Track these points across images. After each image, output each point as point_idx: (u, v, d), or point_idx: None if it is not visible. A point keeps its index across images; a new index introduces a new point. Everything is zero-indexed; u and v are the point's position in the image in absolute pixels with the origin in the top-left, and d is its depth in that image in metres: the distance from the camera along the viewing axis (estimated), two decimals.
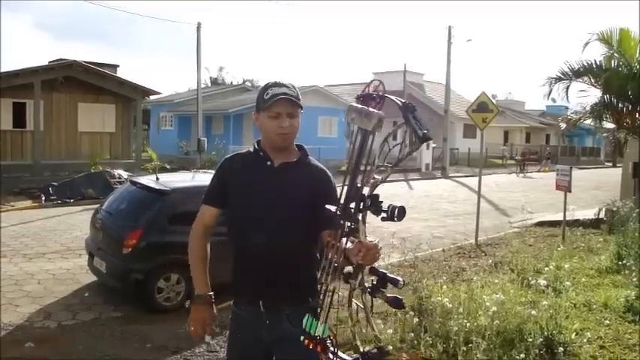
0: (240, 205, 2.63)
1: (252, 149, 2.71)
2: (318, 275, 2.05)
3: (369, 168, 2.00)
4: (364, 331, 2.13)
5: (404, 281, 2.06)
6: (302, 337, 2.02)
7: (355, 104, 2.05)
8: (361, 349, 2.06)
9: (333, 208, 2.01)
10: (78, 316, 6.56)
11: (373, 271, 2.06)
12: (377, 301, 2.12)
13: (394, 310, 5.46)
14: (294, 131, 2.58)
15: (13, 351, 5.37)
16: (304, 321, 2.03)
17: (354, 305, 2.14)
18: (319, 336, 2.00)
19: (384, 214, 1.93)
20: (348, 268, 2.08)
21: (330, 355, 1.99)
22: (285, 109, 2.50)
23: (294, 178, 2.55)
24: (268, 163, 2.62)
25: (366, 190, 1.97)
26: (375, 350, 2.04)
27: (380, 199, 1.95)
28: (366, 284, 2.06)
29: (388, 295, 2.02)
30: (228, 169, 2.70)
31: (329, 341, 2.01)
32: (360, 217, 1.97)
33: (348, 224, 1.97)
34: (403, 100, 1.97)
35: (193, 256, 2.78)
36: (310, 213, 2.39)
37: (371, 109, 1.98)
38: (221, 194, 2.69)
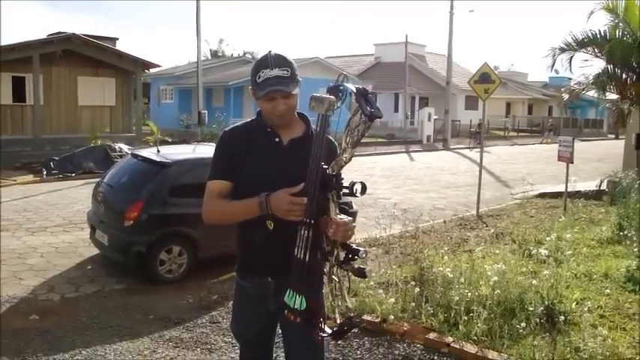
0: (251, 181, 2.55)
1: (254, 121, 2.67)
2: (295, 252, 2.23)
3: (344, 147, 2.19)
4: (340, 303, 2.26)
5: (366, 252, 2.25)
6: (285, 311, 2.21)
7: (315, 94, 2.25)
8: (339, 321, 2.20)
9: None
10: (81, 288, 6.60)
11: (344, 246, 2.22)
12: (377, 273, 2.26)
13: (396, 280, 5.52)
14: (293, 108, 2.55)
15: (17, 323, 5.41)
16: (286, 295, 2.21)
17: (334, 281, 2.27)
18: (297, 308, 2.18)
19: (345, 190, 2.18)
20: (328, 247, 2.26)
21: (312, 329, 2.20)
22: (279, 93, 2.46)
23: (304, 156, 2.42)
24: (277, 139, 2.58)
25: (331, 171, 2.19)
26: (347, 320, 2.24)
27: (342, 177, 2.20)
28: (340, 258, 2.22)
29: (354, 266, 2.18)
30: (234, 144, 2.62)
31: (311, 314, 2.20)
32: (329, 196, 2.19)
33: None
34: (357, 87, 2.20)
35: (219, 205, 2.59)
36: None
37: (323, 95, 2.21)
38: (230, 168, 2.59)
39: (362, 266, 2.20)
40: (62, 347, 4.78)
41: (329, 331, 2.26)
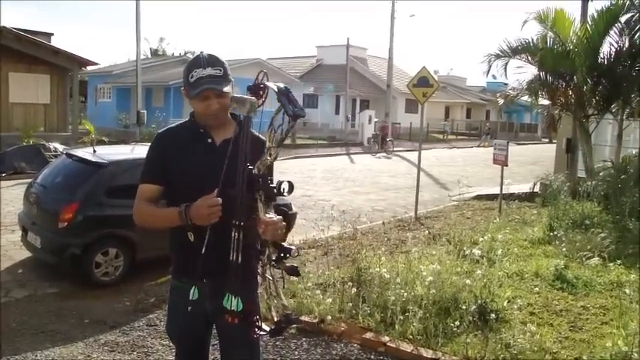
0: (183, 183, 2.56)
1: (187, 123, 2.67)
2: (230, 255, 2.22)
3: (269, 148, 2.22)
4: (276, 301, 2.28)
5: (298, 250, 2.31)
6: (225, 315, 2.20)
7: (235, 95, 2.31)
8: (275, 319, 2.21)
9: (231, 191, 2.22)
10: (11, 293, 6.37)
11: (276, 245, 2.24)
12: (315, 274, 2.29)
13: (334, 281, 5.58)
14: (226, 107, 2.56)
15: None
16: (224, 299, 2.21)
17: (267, 280, 2.29)
18: (234, 310, 2.18)
19: (274, 191, 2.19)
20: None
21: (249, 328, 2.23)
22: (212, 92, 2.47)
23: (236, 155, 2.51)
24: (209, 140, 2.59)
25: (257, 171, 2.21)
26: (284, 318, 2.26)
27: (269, 178, 2.24)
28: (273, 257, 2.24)
29: (287, 264, 2.19)
30: (166, 145, 2.63)
31: (247, 314, 2.21)
32: (257, 197, 2.20)
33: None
34: (278, 86, 2.22)
35: (143, 211, 2.58)
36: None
37: (244, 96, 2.22)
38: (161, 170, 2.60)
39: (294, 264, 2.22)
40: None
41: (267, 329, 2.27)
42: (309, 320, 5.00)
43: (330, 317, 4.99)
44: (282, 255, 2.21)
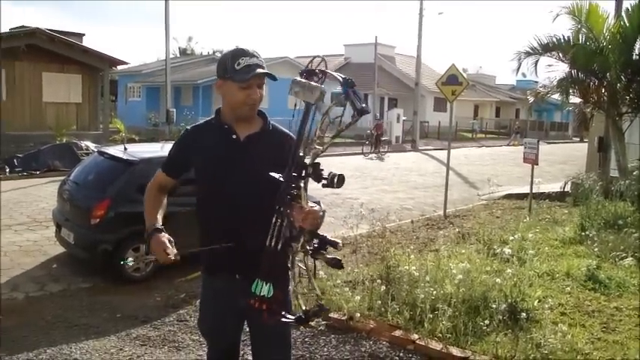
0: (208, 181, 2.63)
1: (212, 119, 2.70)
2: (267, 241, 2.19)
3: (313, 139, 2.16)
4: (306, 290, 2.26)
5: (342, 244, 2.26)
6: (251, 300, 2.18)
7: (299, 78, 2.17)
8: (304, 308, 2.19)
9: (276, 175, 2.18)
10: (46, 287, 6.51)
11: (314, 235, 2.20)
12: (344, 271, 2.26)
13: (362, 278, 5.58)
14: (261, 99, 2.59)
15: None
16: (253, 285, 2.19)
17: (296, 268, 2.27)
18: (264, 295, 2.16)
19: (324, 181, 2.14)
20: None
21: (276, 315, 2.19)
22: (257, 80, 2.50)
23: (260, 151, 2.53)
24: (233, 136, 2.61)
25: (308, 160, 2.16)
26: (316, 308, 2.22)
27: (321, 168, 2.16)
28: (308, 247, 2.20)
29: (328, 256, 2.16)
30: (191, 144, 2.69)
31: (276, 302, 2.18)
32: (302, 184, 2.17)
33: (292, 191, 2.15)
34: (344, 76, 2.14)
35: (147, 199, 2.79)
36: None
37: (313, 84, 2.12)
38: (178, 166, 2.74)
39: (337, 257, 2.19)
40: (26, 346, 4.72)
41: (292, 317, 2.25)
42: (338, 317, 5.01)
43: (359, 314, 4.99)
44: (322, 246, 2.19)
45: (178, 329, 5.20)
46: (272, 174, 2.18)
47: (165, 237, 2.51)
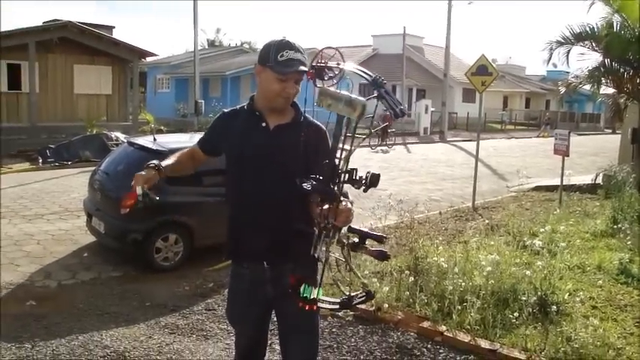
0: (235, 168, 2.65)
1: (246, 105, 2.70)
2: (313, 251, 2.14)
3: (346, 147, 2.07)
4: (348, 279, 2.24)
5: (386, 236, 2.22)
6: (300, 304, 2.12)
7: (328, 88, 2.05)
8: (347, 293, 2.16)
9: (306, 185, 2.12)
10: (77, 275, 6.62)
11: (353, 230, 2.19)
12: (372, 262, 2.23)
13: (390, 269, 5.56)
14: (296, 95, 2.59)
15: (15, 309, 5.44)
16: (301, 289, 2.12)
17: (332, 258, 2.22)
18: (314, 297, 2.11)
19: (363, 187, 2.09)
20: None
21: (322, 305, 2.15)
22: (295, 75, 2.49)
23: (289, 141, 2.52)
24: (263, 124, 2.61)
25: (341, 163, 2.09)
26: (363, 294, 2.19)
27: (354, 170, 2.09)
28: (344, 240, 2.18)
29: (373, 249, 2.13)
30: (224, 127, 2.72)
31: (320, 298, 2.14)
32: (338, 189, 2.11)
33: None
34: (372, 75, 2.02)
35: (177, 153, 2.92)
36: (305, 173, 2.38)
37: (354, 97, 1.99)
38: (210, 145, 2.84)
39: (383, 249, 2.17)
40: (59, 333, 4.82)
41: (336, 300, 2.21)
42: (365, 308, 5.00)
43: (387, 305, 4.98)
44: (363, 241, 2.17)
45: (206, 318, 5.25)
46: (304, 185, 2.13)
47: (156, 175, 2.70)
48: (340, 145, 2.09)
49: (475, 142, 11.71)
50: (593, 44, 11.23)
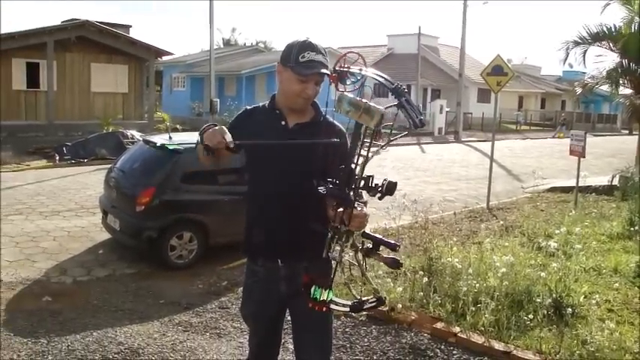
0: (253, 166, 2.67)
1: (268, 103, 2.70)
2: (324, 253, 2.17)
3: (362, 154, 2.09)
4: (360, 282, 2.24)
5: (399, 245, 2.23)
6: (310, 305, 2.14)
7: (348, 95, 2.03)
8: (358, 297, 2.16)
9: (322, 189, 2.14)
10: (92, 272, 6.67)
11: (367, 236, 2.20)
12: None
13: (404, 270, 5.55)
14: (316, 96, 2.59)
15: (31, 304, 5.51)
16: (312, 291, 2.14)
17: (346, 263, 2.24)
18: (324, 300, 2.12)
19: (379, 194, 2.09)
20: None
21: (333, 306, 2.16)
22: (315, 77, 2.49)
23: (307, 140, 2.54)
24: (282, 122, 2.61)
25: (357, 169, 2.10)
26: (374, 300, 2.20)
27: (371, 177, 2.09)
28: (358, 244, 2.19)
29: (386, 256, 2.13)
30: (244, 124, 2.70)
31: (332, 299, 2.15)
32: (354, 195, 2.12)
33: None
34: (394, 83, 2.00)
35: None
36: (323, 173, 2.38)
37: (372, 105, 1.97)
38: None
39: (395, 257, 2.20)
40: (74, 328, 4.87)
41: (347, 303, 2.22)
42: (379, 308, 4.99)
43: (400, 306, 4.97)
44: (376, 247, 2.18)
45: (220, 316, 5.27)
46: (320, 188, 2.15)
47: (222, 129, 2.40)
48: (358, 151, 2.09)
49: (490, 142, 11.65)
50: (611, 44, 11.14)
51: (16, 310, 5.32)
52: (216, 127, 2.39)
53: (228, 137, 2.33)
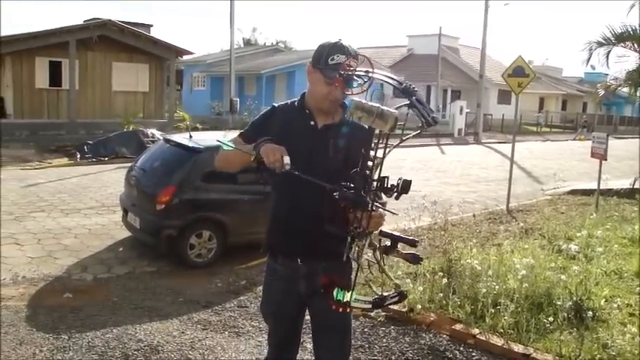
0: None
1: (297, 101, 2.70)
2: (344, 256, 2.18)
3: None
4: (380, 279, 2.26)
5: (418, 240, 2.26)
6: (333, 307, 2.14)
7: (361, 100, 2.02)
8: (379, 293, 2.17)
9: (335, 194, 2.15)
10: (113, 269, 6.74)
11: (385, 234, 2.22)
12: (405, 264, 2.25)
13: (424, 271, 5.53)
14: (344, 98, 2.58)
15: (52, 300, 5.57)
16: (334, 292, 2.14)
17: (364, 261, 2.26)
18: (348, 301, 2.12)
19: (395, 194, 2.11)
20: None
21: (354, 304, 2.16)
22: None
23: (335, 141, 2.53)
24: (312, 123, 2.62)
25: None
26: (395, 295, 2.21)
27: (386, 178, 2.11)
28: (376, 243, 2.21)
29: (406, 252, 2.14)
30: (274, 119, 2.68)
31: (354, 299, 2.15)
32: (370, 196, 2.13)
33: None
34: (402, 82, 2.02)
35: (227, 152, 2.62)
36: (349, 173, 2.38)
37: (385, 109, 1.96)
38: (255, 137, 2.59)
39: (416, 253, 2.20)
40: (94, 325, 4.92)
41: (368, 299, 2.22)
42: (398, 309, 4.99)
43: (419, 306, 4.96)
44: (395, 245, 2.19)
45: (239, 315, 5.29)
46: (334, 193, 2.16)
47: (277, 143, 2.37)
48: (372, 154, 2.11)
49: (510, 144, 11.57)
50: (635, 45, 10.99)
51: (38, 306, 5.39)
52: (275, 145, 2.35)
53: (287, 159, 2.30)
